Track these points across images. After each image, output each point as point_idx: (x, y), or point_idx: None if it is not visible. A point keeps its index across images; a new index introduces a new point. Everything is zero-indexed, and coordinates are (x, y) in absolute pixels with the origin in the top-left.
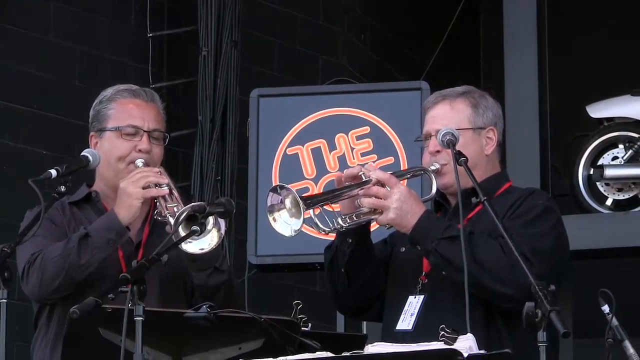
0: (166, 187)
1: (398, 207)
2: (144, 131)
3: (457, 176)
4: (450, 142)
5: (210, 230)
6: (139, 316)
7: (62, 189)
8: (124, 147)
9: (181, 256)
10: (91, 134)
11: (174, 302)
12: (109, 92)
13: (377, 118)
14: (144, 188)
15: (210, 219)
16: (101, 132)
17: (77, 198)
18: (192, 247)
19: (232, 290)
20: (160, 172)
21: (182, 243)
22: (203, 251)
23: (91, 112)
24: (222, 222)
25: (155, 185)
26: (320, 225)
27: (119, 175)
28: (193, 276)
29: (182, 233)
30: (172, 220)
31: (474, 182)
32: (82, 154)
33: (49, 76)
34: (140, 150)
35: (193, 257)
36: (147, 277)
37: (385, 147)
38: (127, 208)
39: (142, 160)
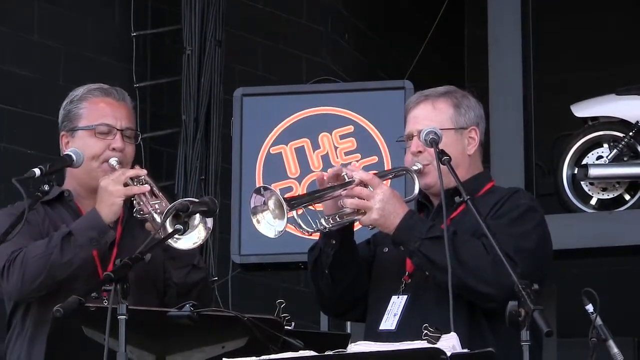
0: (147, 185)
1: (381, 207)
2: (117, 130)
3: (440, 175)
4: (434, 141)
5: (197, 226)
6: (122, 315)
7: (46, 187)
8: (98, 146)
9: (154, 255)
10: (62, 133)
11: (146, 301)
12: (79, 91)
13: (360, 117)
14: (125, 185)
15: (197, 215)
16: (73, 132)
17: (50, 197)
18: (182, 243)
19: (208, 287)
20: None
21: (171, 241)
22: (196, 245)
23: (61, 112)
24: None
25: (136, 182)
26: (304, 226)
27: (91, 174)
28: (172, 274)
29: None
30: (157, 218)
31: (457, 181)
32: (65, 152)
33: (33, 76)
34: (114, 149)
35: (173, 255)
36: None
37: (369, 146)
38: (109, 207)
39: (116, 159)
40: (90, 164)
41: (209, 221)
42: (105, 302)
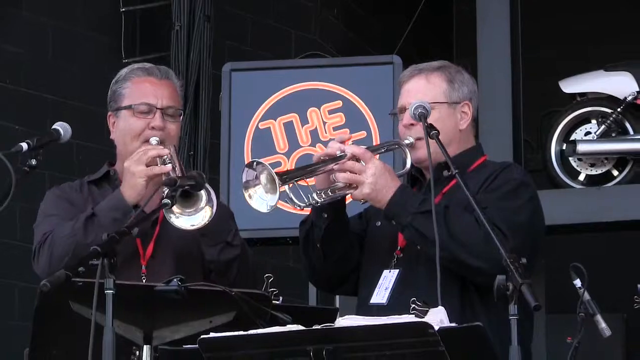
0: (169, 164)
1: (373, 181)
2: (157, 108)
3: (428, 149)
4: (422, 115)
5: (203, 208)
6: (109, 289)
7: (33, 162)
8: (138, 125)
9: (190, 233)
10: (109, 113)
11: (190, 278)
12: (124, 71)
13: (349, 92)
14: (148, 165)
15: (203, 197)
16: (117, 112)
17: (97, 177)
18: (182, 222)
19: (246, 264)
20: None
21: (173, 218)
22: (194, 227)
23: (109, 92)
24: (214, 199)
25: (159, 160)
26: (296, 201)
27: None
28: (205, 251)
29: (176, 208)
30: None
31: (445, 154)
32: (53, 127)
33: (22, 51)
34: (153, 128)
35: (204, 233)
36: (163, 253)
37: (357, 122)
38: (131, 187)
39: (157, 138)
40: (132, 143)
41: (215, 203)
42: (144, 280)
